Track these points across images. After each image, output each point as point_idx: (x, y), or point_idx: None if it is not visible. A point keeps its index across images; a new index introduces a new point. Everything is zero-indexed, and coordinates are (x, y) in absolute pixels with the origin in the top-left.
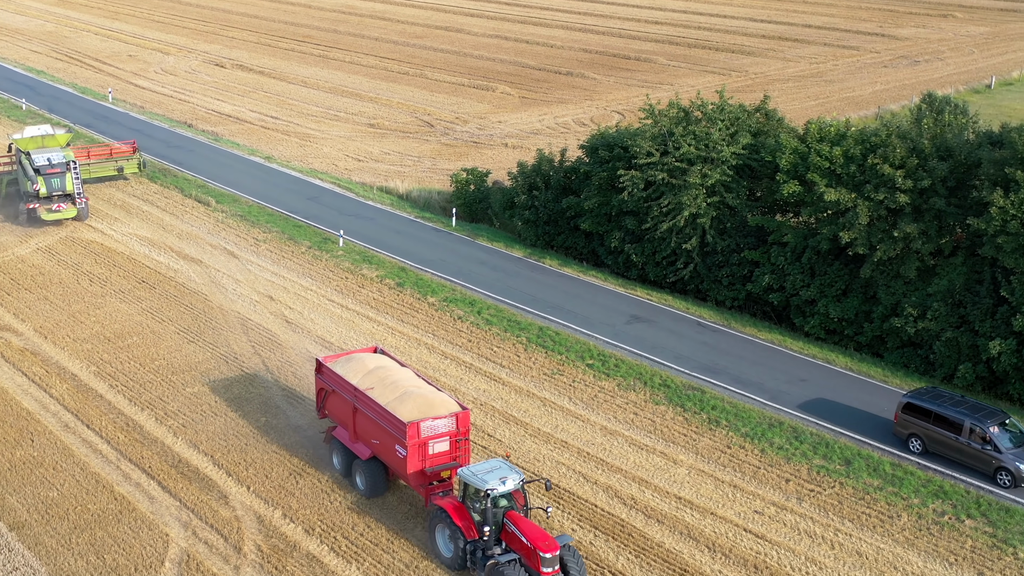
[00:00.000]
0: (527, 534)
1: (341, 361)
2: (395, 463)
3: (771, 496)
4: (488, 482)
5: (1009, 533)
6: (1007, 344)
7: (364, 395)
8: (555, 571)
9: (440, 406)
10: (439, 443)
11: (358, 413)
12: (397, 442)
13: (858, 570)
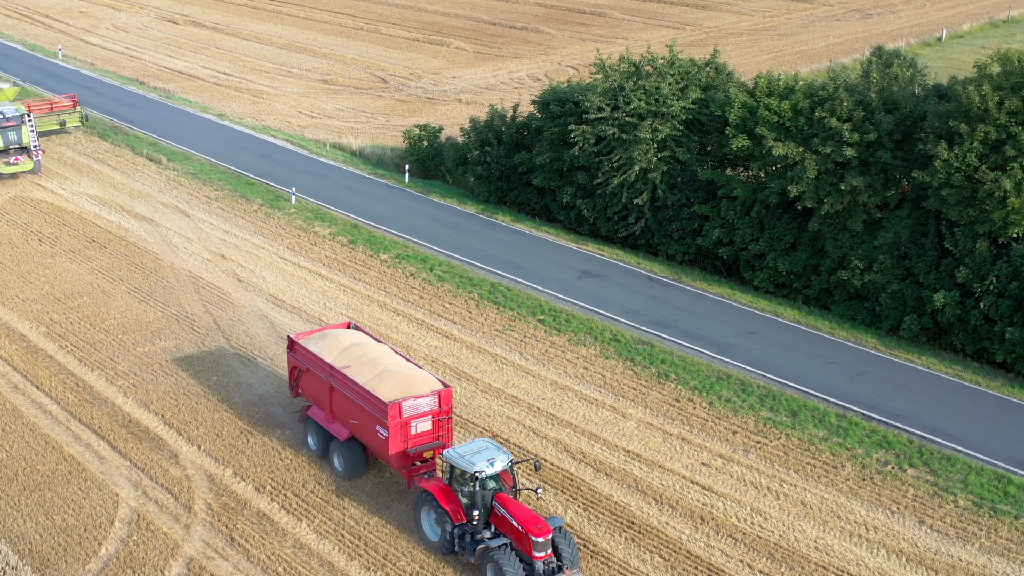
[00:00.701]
0: (518, 517)
1: (314, 338)
2: (376, 444)
3: (718, 448)
4: (476, 464)
5: (950, 481)
6: (951, 296)
7: (341, 374)
8: (548, 555)
9: (421, 384)
10: (421, 423)
11: (335, 392)
12: (378, 423)
13: (802, 520)
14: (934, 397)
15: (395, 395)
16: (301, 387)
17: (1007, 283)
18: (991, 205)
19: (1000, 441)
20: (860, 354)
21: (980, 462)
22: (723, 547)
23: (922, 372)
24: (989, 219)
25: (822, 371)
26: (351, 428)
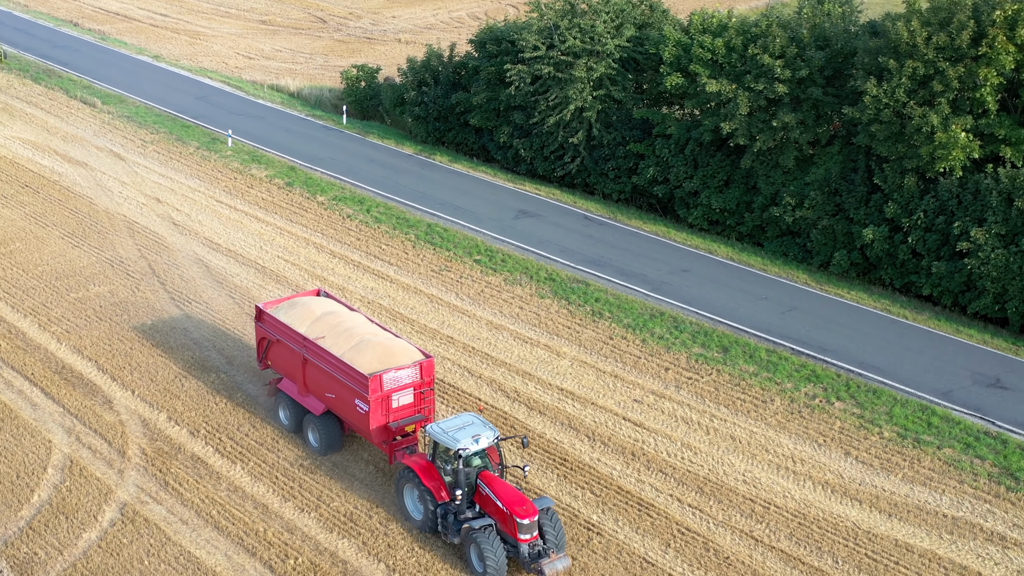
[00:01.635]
0: (503, 497)
1: (283, 307)
2: (354, 419)
3: (650, 385)
4: (459, 441)
5: (876, 414)
6: (880, 231)
7: (315, 345)
8: (533, 537)
9: (401, 354)
10: (403, 395)
11: (308, 365)
12: (357, 396)
13: (731, 454)
14: (862, 331)
15: (375, 367)
16: (271, 359)
17: (934, 218)
18: (919, 140)
19: (925, 373)
20: (791, 290)
21: (905, 394)
22: (653, 482)
23: (851, 307)
24: (917, 154)
25: (754, 307)
26: (327, 402)
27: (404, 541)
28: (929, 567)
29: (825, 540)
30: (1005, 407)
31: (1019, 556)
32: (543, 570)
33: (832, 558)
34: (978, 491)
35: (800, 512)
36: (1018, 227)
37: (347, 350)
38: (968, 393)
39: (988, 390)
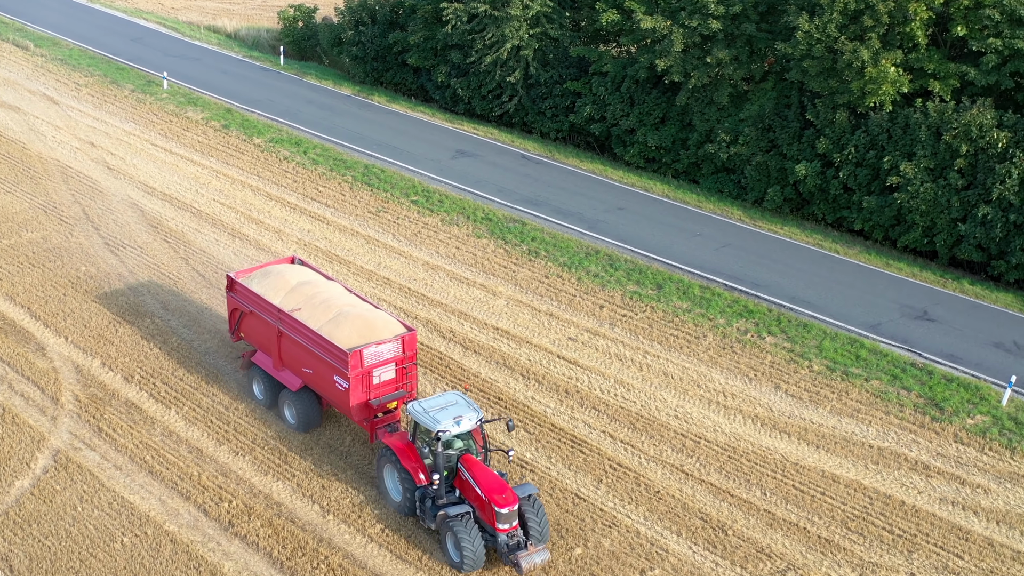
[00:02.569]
0: (482, 484)
1: (256, 276)
2: (333, 395)
3: (585, 323)
4: (440, 422)
5: (805, 347)
6: (812, 167)
7: (290, 318)
8: (512, 527)
9: (382, 328)
10: (384, 371)
11: (283, 338)
12: (336, 372)
13: (664, 390)
14: (794, 266)
15: (354, 342)
16: (243, 331)
17: (865, 153)
18: (850, 75)
19: (854, 307)
20: (726, 226)
21: (835, 328)
22: (586, 419)
23: (784, 242)
24: (848, 89)
25: (688, 244)
26: (304, 377)
27: (338, 483)
28: (854, 496)
29: (754, 473)
30: (932, 339)
31: (942, 484)
32: (519, 563)
33: (760, 490)
34: (904, 422)
35: (730, 446)
36: (946, 161)
37: (324, 323)
38: (896, 326)
39: (916, 322)
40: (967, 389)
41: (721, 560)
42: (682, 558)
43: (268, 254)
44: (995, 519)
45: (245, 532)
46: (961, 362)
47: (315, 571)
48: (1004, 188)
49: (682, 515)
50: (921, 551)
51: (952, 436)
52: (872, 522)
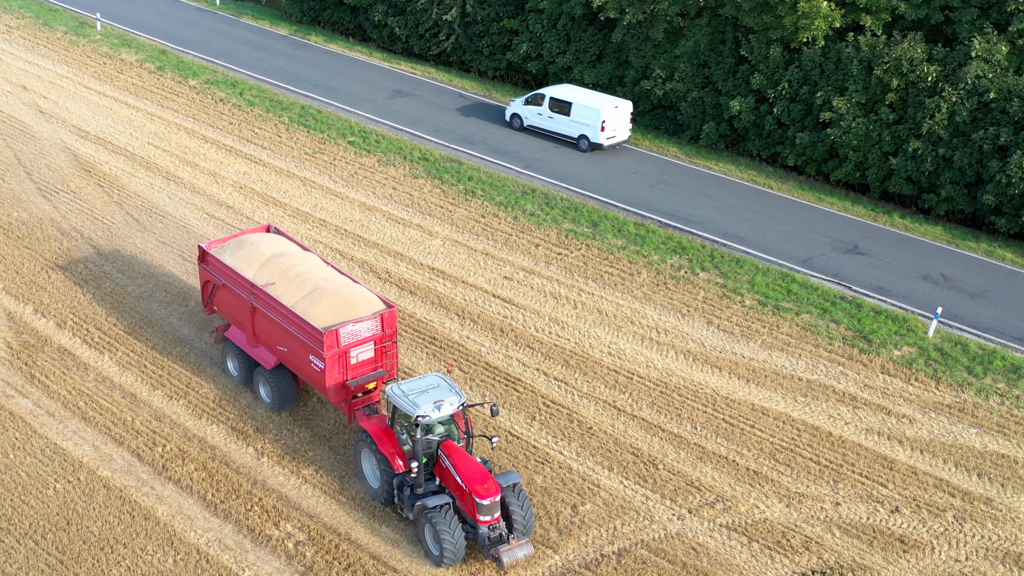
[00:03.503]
0: (463, 473)
1: (229, 247)
2: (309, 375)
3: (521, 262)
4: (419, 406)
5: (738, 283)
6: (746, 102)
7: (264, 293)
8: (495, 519)
9: (360, 304)
10: (362, 351)
11: (257, 314)
12: (311, 352)
13: (598, 327)
14: (728, 202)
15: (331, 320)
16: (216, 304)
17: (798, 88)
18: (783, 10)
19: (786, 242)
20: (662, 163)
21: (767, 263)
22: (521, 357)
23: (719, 178)
24: (781, 24)
25: (623, 181)
26: (279, 355)
27: (272, 425)
28: (783, 429)
29: (685, 407)
30: (861, 272)
31: (868, 415)
32: (500, 558)
33: (691, 424)
34: (832, 354)
35: (662, 381)
36: (877, 96)
37: (299, 299)
38: (827, 260)
39: (846, 256)
40: (895, 321)
41: (651, 494)
42: (613, 492)
43: (203, 197)
44: (919, 448)
45: (179, 476)
46: (890, 295)
47: (249, 513)
48: (933, 122)
49: (614, 450)
50: (847, 480)
51: (879, 368)
52: (800, 453)
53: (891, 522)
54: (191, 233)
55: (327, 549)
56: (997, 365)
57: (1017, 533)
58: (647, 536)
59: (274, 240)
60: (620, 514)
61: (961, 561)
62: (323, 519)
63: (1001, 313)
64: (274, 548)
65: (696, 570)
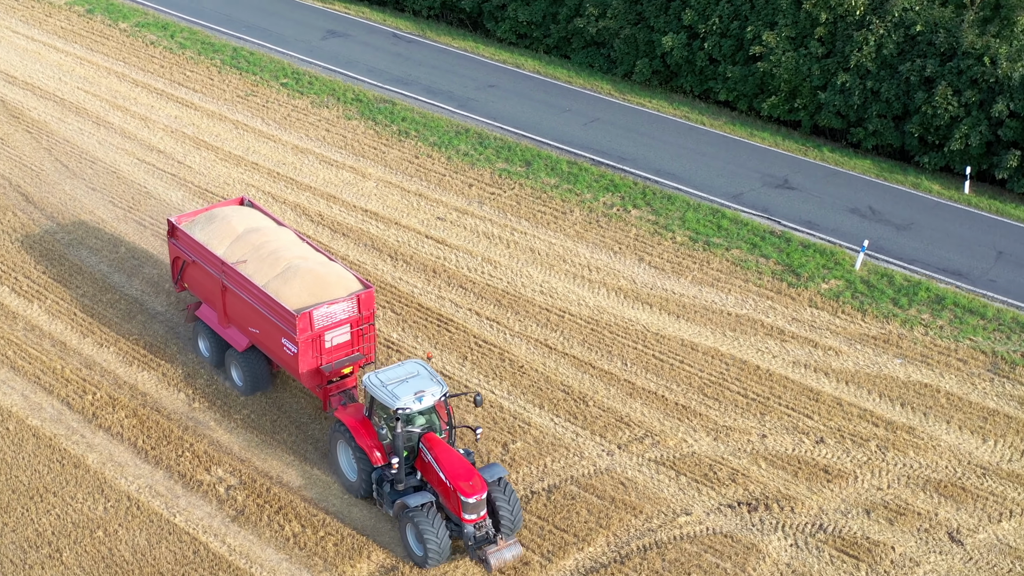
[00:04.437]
0: (447, 468)
1: (200, 221)
2: (282, 359)
3: (454, 202)
4: (399, 398)
5: (669, 219)
6: (678, 39)
7: (235, 272)
8: (480, 517)
9: (335, 284)
10: (338, 334)
11: (228, 293)
12: (283, 335)
13: (530, 266)
14: (661, 139)
15: (304, 301)
16: (187, 282)
17: (729, 23)
18: None
19: (718, 178)
20: (595, 101)
21: (698, 199)
22: (453, 297)
23: (652, 115)
24: None
25: (557, 120)
26: (251, 337)
27: (204, 371)
28: (712, 363)
29: (616, 344)
30: (791, 206)
31: (795, 348)
32: (488, 560)
33: (621, 361)
34: (762, 289)
35: (593, 319)
36: (807, 29)
37: (272, 279)
38: (757, 195)
39: (776, 191)
40: (823, 255)
41: (581, 430)
42: (544, 430)
43: (134, 142)
44: (844, 379)
45: (109, 424)
46: (818, 228)
47: (180, 459)
48: (861, 55)
49: (545, 388)
50: (773, 413)
51: (807, 301)
52: (728, 387)
53: (816, 452)
54: (122, 179)
55: (258, 493)
56: (922, 296)
57: (938, 460)
58: (577, 472)
59: (247, 214)
60: (550, 451)
61: (883, 489)
62: (254, 463)
63: (927, 245)
64: (205, 493)
65: (624, 504)
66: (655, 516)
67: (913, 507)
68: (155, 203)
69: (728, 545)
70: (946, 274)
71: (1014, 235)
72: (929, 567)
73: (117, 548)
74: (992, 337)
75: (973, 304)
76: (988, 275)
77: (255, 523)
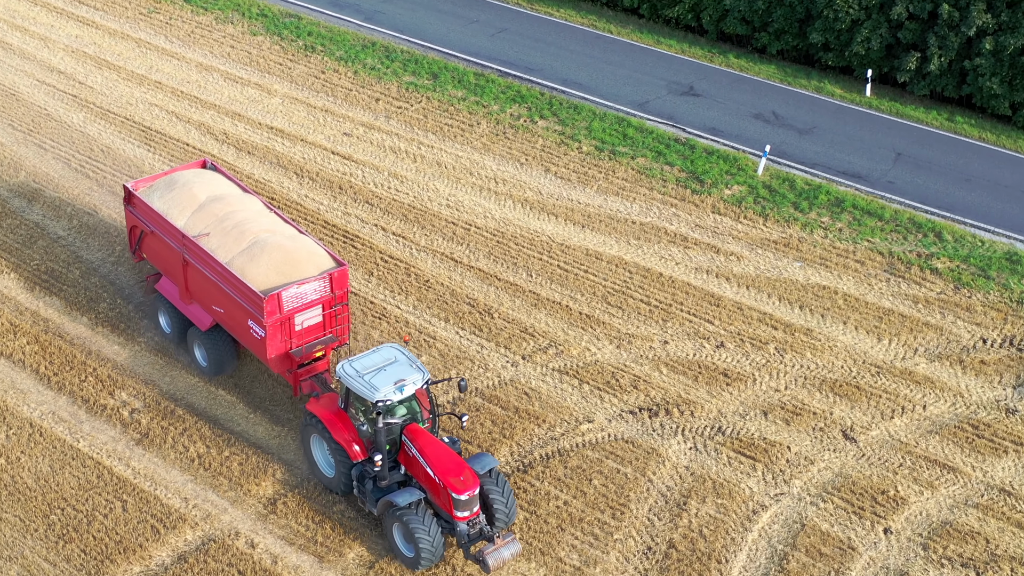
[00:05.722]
0: (435, 464)
1: (159, 187)
2: (249, 342)
3: (361, 117)
4: (378, 389)
5: (576, 129)
6: None
7: (196, 246)
8: (473, 513)
9: (306, 261)
10: (309, 316)
11: (190, 268)
12: (250, 317)
13: (437, 180)
14: (568, 49)
15: (272, 281)
16: (145, 252)
17: None
18: None
19: (624, 86)
20: (503, 11)
21: (604, 108)
22: (359, 213)
23: (559, 24)
24: None
25: (465, 31)
26: (215, 316)
27: (107, 295)
28: (616, 272)
29: (521, 256)
30: (695, 113)
31: (698, 255)
32: (485, 560)
33: (527, 272)
34: (666, 196)
35: (499, 231)
36: None
37: (237, 255)
38: (663, 103)
39: (682, 98)
40: (726, 161)
41: (486, 343)
42: (449, 343)
43: (33, 63)
44: (745, 284)
45: (11, 351)
46: (722, 135)
47: (83, 384)
48: None
49: (450, 302)
50: (675, 319)
51: (710, 207)
52: (631, 295)
53: (716, 357)
54: (21, 102)
55: (163, 415)
56: (822, 199)
57: (834, 360)
58: (481, 384)
59: (210, 180)
60: (455, 364)
61: (781, 391)
62: (159, 386)
63: (827, 148)
64: (109, 417)
65: (528, 414)
66: (558, 425)
67: (809, 407)
68: (56, 125)
69: (629, 451)
70: (846, 177)
71: (913, 136)
72: (823, 464)
73: (20, 475)
74: (889, 238)
75: (871, 206)
76: (887, 177)
77: (159, 445)
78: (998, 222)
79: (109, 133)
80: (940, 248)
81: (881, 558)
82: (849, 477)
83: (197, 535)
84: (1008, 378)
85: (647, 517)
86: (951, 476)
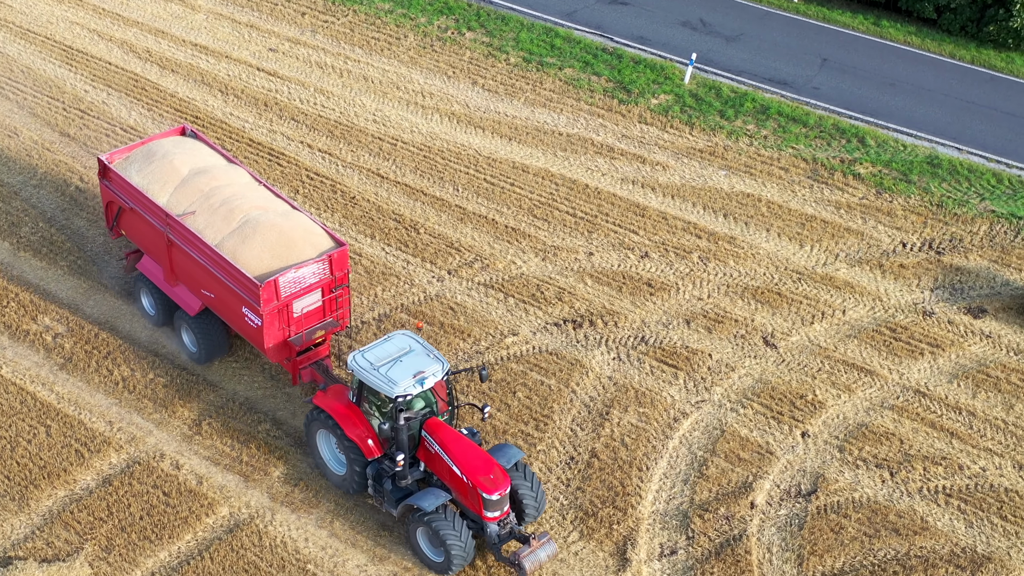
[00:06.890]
0: (460, 461)
1: (136, 159)
2: (244, 330)
3: (286, 32)
4: (397, 383)
5: (503, 40)
6: None
7: (182, 226)
8: (504, 513)
9: (302, 241)
10: (308, 302)
11: (175, 249)
12: (244, 304)
13: (363, 95)
14: None
15: (267, 264)
16: (124, 228)
17: None
18: None
19: None
20: None
21: (532, 18)
22: (285, 131)
23: None
24: None
25: None
26: (204, 300)
27: (28, 218)
28: (542, 184)
29: (448, 170)
30: (624, 22)
31: (624, 165)
32: (521, 564)
33: (453, 187)
34: (593, 107)
35: (426, 145)
36: None
37: (227, 236)
38: (591, 12)
39: (609, 7)
40: (653, 70)
41: (412, 258)
42: (375, 260)
43: None
44: (670, 194)
45: None
46: (650, 44)
47: (5, 309)
48: None
49: (376, 218)
50: (600, 231)
51: (637, 117)
52: (557, 208)
53: (640, 267)
54: None
55: (87, 339)
56: (748, 107)
57: (756, 268)
58: (407, 300)
59: (191, 149)
60: (381, 280)
61: (703, 299)
62: (83, 310)
63: (754, 55)
64: (32, 342)
65: (453, 328)
66: (483, 339)
67: (731, 315)
68: None
69: (553, 362)
70: (772, 84)
71: (839, 42)
72: (744, 371)
73: None
74: (813, 144)
75: (796, 112)
76: (812, 83)
77: (83, 369)
78: (920, 126)
79: (29, 53)
80: (863, 153)
81: (798, 461)
82: (769, 383)
83: (122, 458)
84: (926, 281)
85: (570, 428)
86: (868, 379)
